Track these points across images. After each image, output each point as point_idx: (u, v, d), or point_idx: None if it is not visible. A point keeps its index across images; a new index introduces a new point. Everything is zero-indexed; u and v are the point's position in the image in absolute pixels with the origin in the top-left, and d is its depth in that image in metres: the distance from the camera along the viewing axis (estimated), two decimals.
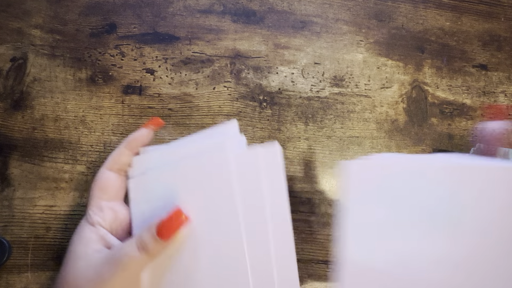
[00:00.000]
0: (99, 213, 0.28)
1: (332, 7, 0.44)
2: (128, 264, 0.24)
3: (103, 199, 0.29)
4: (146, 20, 0.41)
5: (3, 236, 0.35)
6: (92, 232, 0.27)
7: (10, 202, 0.36)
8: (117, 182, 0.30)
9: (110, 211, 0.29)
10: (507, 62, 0.46)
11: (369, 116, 0.42)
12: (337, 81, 0.42)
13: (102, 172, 0.30)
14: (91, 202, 0.29)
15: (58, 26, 0.40)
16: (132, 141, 0.31)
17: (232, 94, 0.41)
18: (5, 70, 0.38)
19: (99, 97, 0.39)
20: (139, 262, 0.24)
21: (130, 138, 0.31)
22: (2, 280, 0.34)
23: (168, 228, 0.24)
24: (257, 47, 0.42)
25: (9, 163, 0.36)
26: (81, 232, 0.28)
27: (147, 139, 0.32)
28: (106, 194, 0.29)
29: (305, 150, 0.40)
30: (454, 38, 0.46)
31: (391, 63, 0.44)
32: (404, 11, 0.45)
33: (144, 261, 0.24)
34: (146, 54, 0.40)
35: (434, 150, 0.42)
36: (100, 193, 0.29)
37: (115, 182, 0.30)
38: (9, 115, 0.37)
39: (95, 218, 0.28)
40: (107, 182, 0.29)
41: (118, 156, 0.30)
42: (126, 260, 0.24)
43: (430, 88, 0.44)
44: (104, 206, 0.29)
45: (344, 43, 0.44)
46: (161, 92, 0.40)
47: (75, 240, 0.27)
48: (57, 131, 0.38)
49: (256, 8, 0.43)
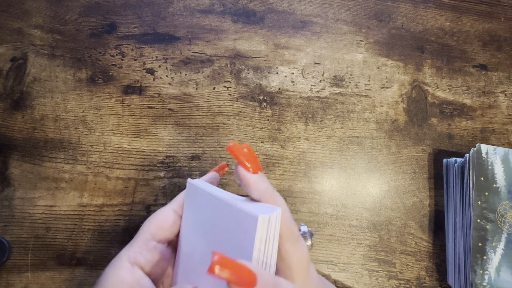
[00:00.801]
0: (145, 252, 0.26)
1: (332, 7, 0.44)
2: None
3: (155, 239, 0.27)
4: (146, 20, 0.41)
5: (3, 236, 0.35)
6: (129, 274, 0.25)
7: (10, 202, 0.36)
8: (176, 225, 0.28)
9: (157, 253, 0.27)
10: (507, 62, 0.46)
11: (369, 116, 0.42)
12: (337, 81, 0.42)
13: (166, 210, 0.28)
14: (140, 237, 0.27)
15: (58, 26, 0.40)
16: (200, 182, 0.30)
17: (232, 94, 0.41)
18: (5, 70, 0.38)
19: (99, 97, 0.39)
20: None
21: None
22: (2, 280, 0.34)
23: None
24: (257, 47, 0.42)
25: (9, 163, 0.36)
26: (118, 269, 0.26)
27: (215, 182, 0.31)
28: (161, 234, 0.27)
29: (305, 150, 0.40)
30: (454, 38, 0.46)
31: (391, 63, 0.44)
32: (404, 11, 0.45)
33: None
34: (146, 54, 0.40)
35: (434, 150, 0.42)
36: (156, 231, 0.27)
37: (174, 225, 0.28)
38: (9, 115, 0.37)
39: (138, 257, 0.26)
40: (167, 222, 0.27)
41: None
42: None
43: (430, 88, 0.44)
44: (152, 247, 0.27)
45: (344, 43, 0.44)
46: (161, 92, 0.40)
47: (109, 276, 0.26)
48: (57, 131, 0.38)
49: (256, 8, 0.43)
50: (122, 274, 0.25)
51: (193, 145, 0.39)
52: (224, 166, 0.34)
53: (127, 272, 0.25)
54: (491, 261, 0.35)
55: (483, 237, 0.36)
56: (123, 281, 0.25)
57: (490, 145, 0.37)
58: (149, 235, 0.27)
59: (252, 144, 0.40)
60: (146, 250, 0.26)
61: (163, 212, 0.28)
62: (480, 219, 0.36)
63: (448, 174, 0.40)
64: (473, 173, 0.37)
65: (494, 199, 0.36)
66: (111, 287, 0.25)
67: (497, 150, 0.37)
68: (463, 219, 0.37)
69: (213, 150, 0.39)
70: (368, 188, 0.40)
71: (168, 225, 0.27)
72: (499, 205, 0.36)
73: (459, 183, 0.38)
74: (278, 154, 0.40)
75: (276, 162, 0.40)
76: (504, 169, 0.37)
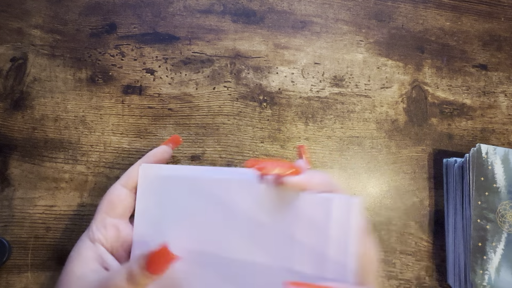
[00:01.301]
0: (102, 230, 0.28)
1: (332, 7, 0.44)
2: None
3: (109, 215, 0.28)
4: (146, 20, 0.41)
5: (3, 236, 0.35)
6: (91, 250, 0.27)
7: (10, 202, 0.36)
8: (127, 200, 0.29)
9: (114, 229, 0.28)
10: (507, 62, 0.46)
11: (369, 116, 0.42)
12: (337, 81, 0.42)
13: (115, 187, 0.29)
14: (97, 217, 0.28)
15: (58, 26, 0.40)
16: (150, 158, 0.31)
17: (232, 94, 0.41)
18: (5, 70, 0.38)
19: (99, 97, 0.39)
20: None
21: (149, 155, 0.31)
22: (2, 280, 0.34)
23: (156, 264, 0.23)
24: (257, 47, 0.42)
25: (9, 163, 0.36)
26: (80, 248, 0.27)
27: (166, 156, 0.31)
28: (114, 210, 0.28)
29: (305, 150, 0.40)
30: (454, 38, 0.46)
31: (391, 63, 0.44)
32: (404, 11, 0.45)
33: None
34: (146, 54, 0.40)
35: (434, 150, 0.42)
36: (108, 208, 0.28)
37: (125, 199, 0.29)
38: (9, 115, 0.37)
39: (97, 234, 0.28)
40: (117, 198, 0.29)
41: (134, 172, 0.30)
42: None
43: (430, 88, 0.44)
44: (109, 223, 0.28)
45: (344, 43, 0.44)
46: (161, 92, 0.40)
47: (73, 256, 0.27)
48: (57, 131, 0.38)
49: (256, 8, 0.43)
50: (84, 252, 0.27)
51: (193, 145, 0.39)
52: (177, 138, 0.33)
53: (89, 249, 0.27)
54: (491, 261, 0.35)
55: (483, 237, 0.36)
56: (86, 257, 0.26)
57: (490, 145, 0.38)
58: (103, 213, 0.28)
59: (252, 144, 0.40)
60: (103, 227, 0.28)
61: (113, 189, 0.29)
62: (480, 219, 0.36)
63: (448, 174, 0.40)
64: (473, 173, 0.37)
65: (494, 199, 0.36)
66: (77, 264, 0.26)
67: (497, 150, 0.37)
68: (463, 219, 0.37)
69: (213, 150, 0.39)
70: (368, 188, 0.40)
71: (118, 200, 0.29)
72: (499, 205, 0.36)
73: (459, 183, 0.38)
74: (278, 154, 0.40)
75: None
76: (504, 169, 0.37)
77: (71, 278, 0.26)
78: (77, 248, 0.27)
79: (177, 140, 0.33)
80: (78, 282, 0.25)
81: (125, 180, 0.30)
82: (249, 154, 0.39)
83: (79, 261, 0.26)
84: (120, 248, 0.28)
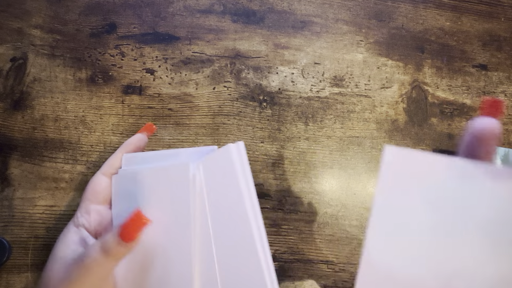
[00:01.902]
0: (86, 215, 0.29)
1: (332, 7, 0.44)
2: (92, 266, 0.24)
3: (92, 202, 0.30)
4: (146, 20, 0.41)
5: (3, 236, 0.35)
6: (75, 234, 0.28)
7: (10, 202, 0.36)
8: (108, 187, 0.31)
9: (97, 214, 0.30)
10: (507, 62, 0.46)
11: (369, 116, 0.42)
12: (337, 81, 0.42)
13: (96, 176, 0.31)
14: (81, 204, 0.30)
15: (58, 26, 0.40)
16: (128, 146, 0.32)
17: (232, 94, 0.41)
18: (5, 70, 0.38)
19: (99, 97, 0.39)
20: (102, 264, 0.24)
21: (126, 144, 0.32)
22: (2, 280, 0.34)
23: (129, 231, 0.24)
24: (257, 47, 0.42)
25: (9, 163, 0.36)
26: (65, 233, 0.29)
27: (142, 144, 0.33)
28: (96, 197, 0.30)
29: (305, 150, 0.40)
30: (454, 38, 0.46)
31: (391, 63, 0.44)
32: (404, 11, 0.45)
33: (108, 263, 0.24)
34: (146, 54, 0.40)
35: (434, 150, 0.42)
36: (91, 196, 0.30)
37: (106, 187, 0.30)
38: (9, 115, 0.37)
39: (80, 220, 0.29)
40: (99, 186, 0.30)
41: (114, 161, 0.31)
42: (89, 263, 0.24)
43: (430, 88, 0.44)
44: (92, 210, 0.29)
45: (344, 43, 0.44)
46: (161, 92, 0.40)
47: (58, 240, 0.28)
48: (57, 131, 0.38)
49: (256, 8, 0.43)
50: (69, 236, 0.28)
51: (193, 145, 0.39)
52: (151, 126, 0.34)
53: (73, 234, 0.28)
54: None
55: None
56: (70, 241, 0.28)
57: None
58: (87, 200, 0.30)
59: (252, 144, 0.40)
60: (87, 213, 0.29)
61: (94, 178, 0.31)
62: None
63: None
64: None
65: None
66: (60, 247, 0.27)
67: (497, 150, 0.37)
68: None
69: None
70: (368, 188, 0.40)
71: (100, 188, 0.30)
72: None
73: None
74: (278, 154, 0.40)
75: (276, 162, 0.40)
76: None
77: (54, 260, 0.26)
78: (62, 234, 0.29)
79: (150, 128, 0.34)
80: (59, 262, 0.26)
81: (105, 169, 0.31)
82: (249, 154, 0.39)
83: (63, 244, 0.27)
84: (103, 232, 0.29)
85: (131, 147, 0.32)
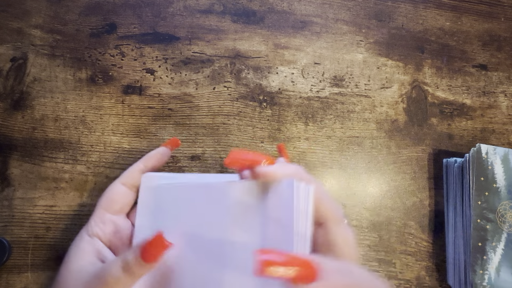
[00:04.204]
0: (101, 225, 0.29)
1: (332, 7, 0.44)
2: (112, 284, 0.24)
3: (108, 211, 0.29)
4: (146, 20, 0.41)
5: (3, 236, 0.35)
6: (89, 244, 0.28)
7: (10, 202, 0.36)
8: (126, 197, 0.30)
9: (112, 224, 0.29)
10: (507, 62, 0.46)
11: (369, 116, 0.42)
12: (337, 81, 0.42)
13: (114, 184, 0.30)
14: (95, 213, 0.29)
15: (58, 26, 0.40)
16: (150, 159, 0.31)
17: (232, 94, 0.41)
18: (5, 70, 0.38)
19: (99, 97, 0.39)
20: (122, 282, 0.24)
21: (148, 156, 0.32)
22: (2, 280, 0.34)
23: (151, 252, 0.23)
24: (257, 47, 0.42)
25: (9, 163, 0.36)
26: (79, 242, 0.28)
27: (165, 158, 0.32)
28: (112, 207, 0.29)
29: (305, 150, 0.40)
30: (454, 38, 0.46)
31: (391, 63, 0.44)
32: (404, 11, 0.45)
33: (128, 281, 0.24)
34: (146, 54, 0.40)
35: (434, 150, 0.42)
36: (107, 204, 0.29)
37: (124, 197, 0.30)
38: (9, 115, 0.37)
39: (95, 229, 0.28)
40: (117, 195, 0.30)
41: (134, 172, 0.31)
42: (110, 280, 0.24)
43: (430, 88, 0.44)
44: (107, 219, 0.29)
45: (344, 43, 0.44)
46: (161, 92, 0.40)
47: (71, 250, 0.28)
48: (57, 131, 0.38)
49: (256, 8, 0.43)
50: (83, 246, 0.27)
51: (193, 145, 0.39)
52: (176, 141, 0.34)
53: (87, 244, 0.28)
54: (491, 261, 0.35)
55: (483, 237, 0.36)
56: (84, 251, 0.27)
57: (490, 145, 0.38)
58: (102, 209, 0.29)
59: (252, 144, 0.40)
60: (102, 222, 0.29)
61: (112, 186, 0.30)
62: (480, 219, 0.36)
63: (448, 174, 0.40)
64: (473, 173, 0.37)
65: (494, 199, 0.36)
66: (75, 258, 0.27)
67: (497, 150, 0.37)
68: (463, 219, 0.37)
69: (213, 150, 0.39)
70: (368, 188, 0.40)
71: (118, 197, 0.30)
72: (499, 205, 0.36)
73: (459, 183, 0.38)
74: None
75: None
76: (504, 169, 0.37)
77: (69, 271, 0.26)
78: (75, 243, 0.28)
79: (176, 142, 0.34)
80: (75, 275, 0.26)
81: (124, 179, 0.30)
82: None
83: (77, 255, 0.27)
84: (117, 243, 0.29)
85: (153, 160, 0.31)
